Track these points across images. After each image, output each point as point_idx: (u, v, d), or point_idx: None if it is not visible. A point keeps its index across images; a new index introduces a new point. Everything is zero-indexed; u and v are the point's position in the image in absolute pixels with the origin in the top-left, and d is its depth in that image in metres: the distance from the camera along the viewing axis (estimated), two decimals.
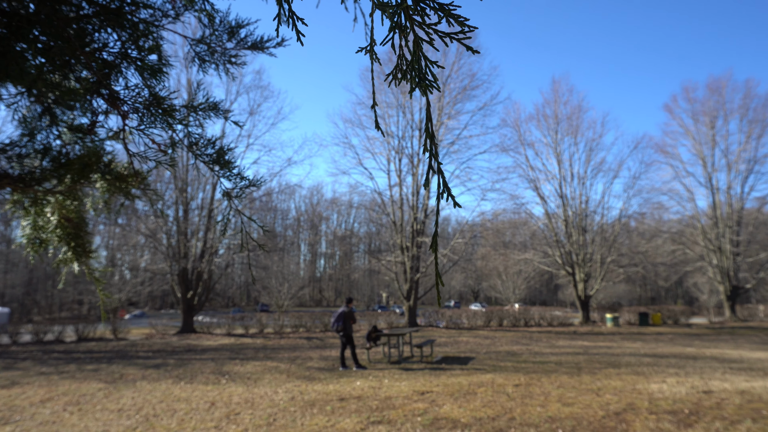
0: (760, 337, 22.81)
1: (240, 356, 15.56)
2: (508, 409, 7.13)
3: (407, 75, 0.95)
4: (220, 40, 1.84)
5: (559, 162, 34.70)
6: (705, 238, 38.90)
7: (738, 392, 8.33)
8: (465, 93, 29.61)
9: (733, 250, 37.46)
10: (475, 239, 38.70)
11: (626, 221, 36.71)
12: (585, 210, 34.27)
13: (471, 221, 31.15)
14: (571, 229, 33.90)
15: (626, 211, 35.17)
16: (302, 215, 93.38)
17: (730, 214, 38.22)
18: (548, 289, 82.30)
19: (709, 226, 39.18)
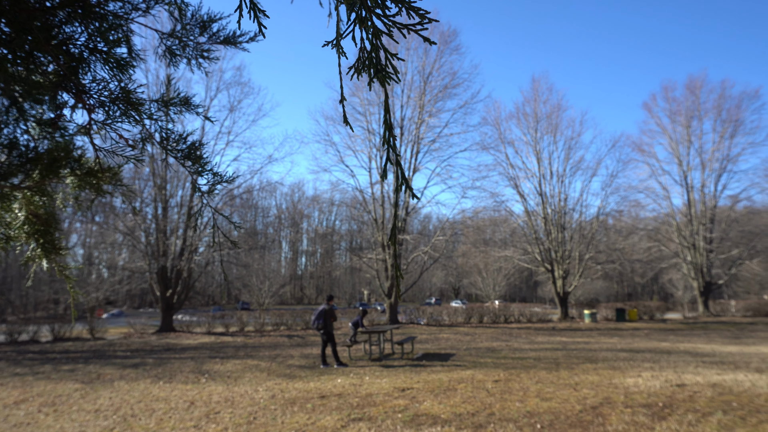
0: (732, 331, 23.38)
1: (220, 355, 15.43)
2: (488, 405, 7.20)
3: (366, 67, 0.96)
4: (192, 34, 1.82)
5: (539, 160, 35.06)
6: (680, 236, 39.71)
7: (710, 385, 8.53)
8: (446, 91, 29.72)
9: (706, 247, 38.31)
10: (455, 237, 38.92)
11: (604, 219, 37.27)
12: (564, 207, 34.70)
13: (452, 219, 31.31)
14: (550, 227, 34.29)
15: (604, 209, 35.70)
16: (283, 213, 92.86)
17: (704, 211, 39.08)
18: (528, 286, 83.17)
19: (684, 223, 40.01)
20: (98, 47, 1.38)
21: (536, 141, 35.31)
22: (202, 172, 1.88)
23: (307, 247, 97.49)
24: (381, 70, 0.95)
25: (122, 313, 53.36)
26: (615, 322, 31.11)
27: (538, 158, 35.08)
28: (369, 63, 0.95)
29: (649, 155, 41.25)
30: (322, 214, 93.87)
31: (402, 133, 29.33)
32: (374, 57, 0.95)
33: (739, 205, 40.81)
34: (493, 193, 33.25)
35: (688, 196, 40.12)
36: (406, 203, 28.89)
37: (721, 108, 39.62)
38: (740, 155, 39.52)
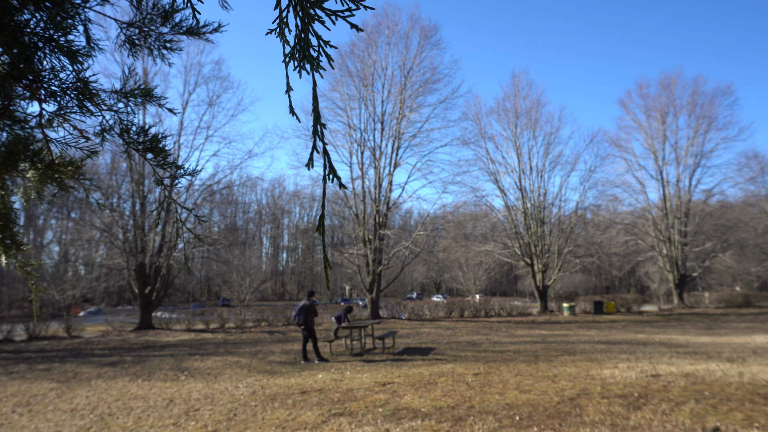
0: (705, 322, 23.93)
1: (200, 352, 15.29)
2: (468, 398, 7.26)
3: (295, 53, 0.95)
4: (153, 24, 1.78)
5: (519, 155, 35.35)
6: (656, 229, 40.47)
7: (683, 375, 8.72)
8: (427, 86, 29.74)
9: (681, 241, 39.10)
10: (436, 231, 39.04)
11: (582, 213, 37.79)
12: (543, 202, 35.07)
13: (433, 214, 31.43)
14: (529, 221, 34.64)
15: (582, 203, 36.20)
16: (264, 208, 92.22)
17: (679, 206, 39.86)
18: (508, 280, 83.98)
19: (660, 217, 40.76)
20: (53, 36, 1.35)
21: (516, 136, 35.61)
22: (165, 165, 1.85)
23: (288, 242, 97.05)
24: (309, 57, 0.94)
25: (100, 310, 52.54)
26: (593, 315, 31.61)
27: (518, 153, 35.39)
28: (301, 51, 0.95)
29: (625, 150, 41.91)
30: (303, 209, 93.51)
31: (383, 128, 29.30)
32: (303, 43, 0.94)
33: (713, 200, 41.74)
34: (474, 188, 33.47)
35: (664, 191, 40.89)
36: (387, 198, 28.90)
37: (695, 104, 40.41)
38: (714, 150, 40.40)
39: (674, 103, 41.07)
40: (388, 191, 28.91)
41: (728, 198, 43.57)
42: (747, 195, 47.05)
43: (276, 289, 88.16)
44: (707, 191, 41.24)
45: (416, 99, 29.47)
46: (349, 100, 29.40)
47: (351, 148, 29.00)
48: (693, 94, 40.66)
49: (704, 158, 40.17)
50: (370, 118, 29.36)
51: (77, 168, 1.57)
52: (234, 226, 73.77)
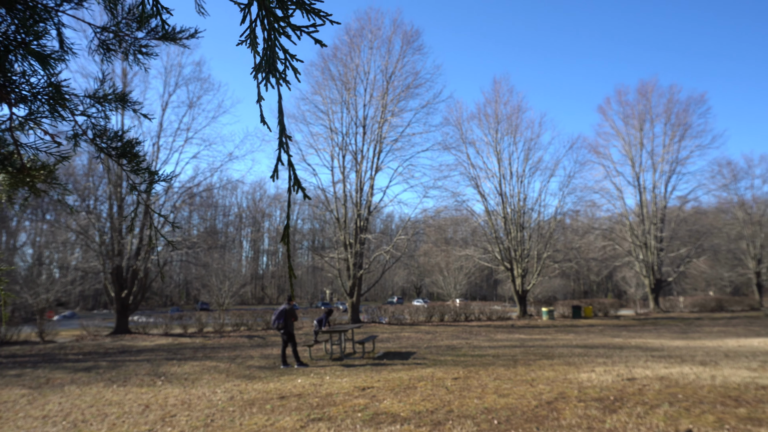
0: (680, 326, 24.39)
1: (177, 356, 15.08)
2: (447, 402, 7.28)
3: (262, 67, 0.96)
4: (129, 28, 1.76)
5: (499, 160, 35.68)
6: (632, 235, 41.16)
7: (658, 378, 8.87)
8: (408, 91, 29.86)
9: (657, 246, 39.84)
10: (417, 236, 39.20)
11: (561, 218, 38.25)
12: (523, 207, 35.42)
13: (414, 218, 31.50)
14: (509, 226, 34.95)
15: (561, 209, 36.65)
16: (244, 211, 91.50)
17: (655, 211, 40.63)
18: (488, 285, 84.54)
19: (636, 223, 41.49)
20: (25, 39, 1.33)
21: (497, 141, 35.94)
22: (138, 170, 1.83)
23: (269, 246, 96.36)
24: (274, 69, 0.95)
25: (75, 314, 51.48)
26: (571, 319, 31.98)
27: (498, 158, 35.71)
28: (267, 64, 0.95)
29: (604, 157, 42.60)
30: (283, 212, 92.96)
31: (365, 132, 29.31)
32: (268, 55, 0.95)
33: (688, 206, 42.65)
34: (455, 193, 33.65)
35: (641, 197, 41.65)
36: (368, 202, 28.90)
37: (671, 112, 41.31)
38: (688, 158, 41.32)
39: (651, 110, 41.95)
40: (369, 195, 28.92)
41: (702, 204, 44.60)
42: (720, 202, 48.18)
43: (256, 293, 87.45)
44: (682, 198, 42.15)
45: (398, 103, 29.59)
46: (332, 103, 29.39)
47: (333, 152, 28.97)
48: (668, 102, 41.59)
49: (679, 165, 41.09)
50: (352, 121, 29.38)
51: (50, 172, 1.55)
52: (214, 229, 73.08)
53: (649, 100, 42.01)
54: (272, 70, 0.95)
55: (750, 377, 8.83)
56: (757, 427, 5.66)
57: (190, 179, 27.70)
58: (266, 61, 0.95)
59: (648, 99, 42.06)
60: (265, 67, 0.96)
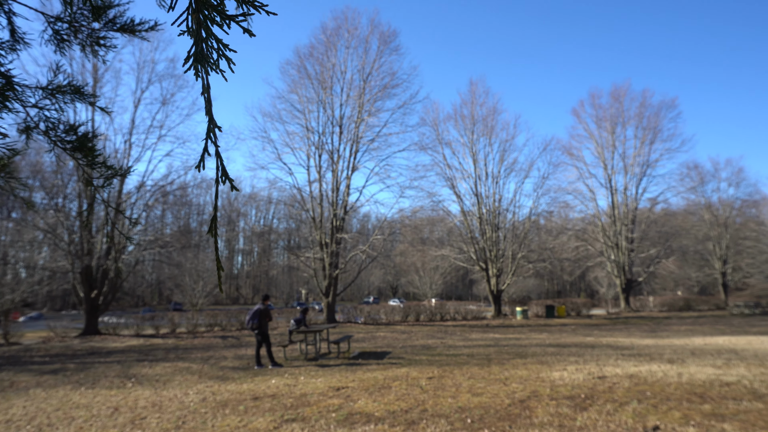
0: (649, 325, 24.96)
1: (149, 358, 14.81)
2: (421, 401, 7.32)
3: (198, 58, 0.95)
4: (85, 19, 1.71)
5: (475, 161, 36.00)
6: (604, 235, 41.95)
7: (627, 376, 9.06)
8: (385, 91, 29.88)
9: (628, 247, 40.69)
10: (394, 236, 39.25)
11: (536, 219, 38.79)
12: (498, 208, 35.81)
13: (390, 218, 31.53)
14: (485, 226, 35.29)
15: (536, 210, 37.17)
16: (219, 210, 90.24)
17: (626, 213, 41.50)
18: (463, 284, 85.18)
19: (608, 224, 42.31)
20: None
21: (473, 142, 36.26)
22: (94, 165, 1.79)
23: (244, 245, 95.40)
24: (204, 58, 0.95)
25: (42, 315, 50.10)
26: (545, 319, 32.44)
27: (474, 159, 36.03)
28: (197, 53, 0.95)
29: (577, 159, 43.32)
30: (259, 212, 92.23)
31: (341, 131, 29.23)
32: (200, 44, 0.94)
33: (657, 207, 43.67)
34: (431, 193, 33.83)
35: (612, 199, 42.49)
36: (345, 202, 28.84)
37: (642, 116, 42.24)
38: (658, 160, 42.32)
39: (623, 114, 42.82)
40: (345, 195, 28.86)
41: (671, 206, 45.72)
42: (688, 204, 49.49)
43: (230, 292, 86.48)
44: (652, 199, 43.15)
45: (375, 103, 29.59)
46: (308, 102, 29.24)
47: (309, 151, 28.82)
48: (640, 106, 42.51)
49: (650, 168, 42.06)
50: (329, 121, 29.28)
51: (3, 166, 1.50)
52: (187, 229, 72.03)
53: (622, 103, 42.91)
54: (200, 60, 0.94)
55: (715, 374, 9.08)
56: (720, 422, 5.82)
57: (164, 177, 27.23)
58: (196, 51, 0.94)
59: (621, 103, 42.95)
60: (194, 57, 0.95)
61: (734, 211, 51.30)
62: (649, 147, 41.77)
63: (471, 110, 36.88)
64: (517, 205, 37.34)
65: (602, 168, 42.86)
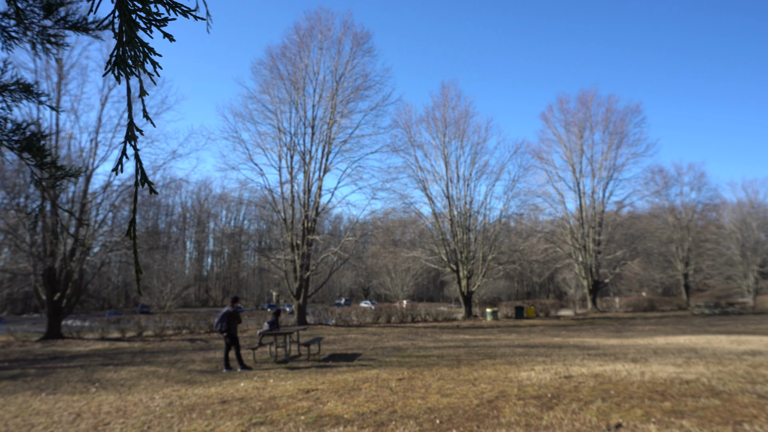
0: (615, 326, 25.56)
1: (114, 362, 14.46)
2: (391, 403, 7.34)
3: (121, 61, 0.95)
4: (35, 16, 1.67)
5: (447, 164, 36.29)
6: (573, 238, 42.80)
7: (593, 376, 9.26)
8: (358, 92, 29.88)
9: (595, 249, 41.59)
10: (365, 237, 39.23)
11: (506, 221, 39.34)
12: (469, 210, 36.17)
13: (362, 219, 31.53)
14: (456, 228, 35.59)
15: (506, 212, 37.69)
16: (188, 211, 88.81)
17: (594, 216, 42.42)
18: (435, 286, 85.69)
19: (576, 226, 43.17)
20: None
21: (445, 145, 36.56)
22: (43, 165, 1.75)
23: (214, 247, 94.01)
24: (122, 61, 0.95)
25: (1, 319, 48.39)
26: (514, 320, 32.88)
27: (446, 162, 36.31)
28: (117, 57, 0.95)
29: (546, 162, 44.11)
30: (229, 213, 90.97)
31: (313, 132, 29.10)
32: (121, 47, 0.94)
33: (624, 210, 44.80)
34: (403, 195, 33.98)
35: (580, 201, 43.39)
36: (316, 203, 28.71)
37: (609, 121, 43.29)
38: (624, 165, 43.44)
39: (591, 119, 43.79)
40: (317, 196, 28.73)
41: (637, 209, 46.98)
42: (653, 207, 50.94)
43: (200, 295, 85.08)
44: (619, 203, 44.23)
45: (347, 105, 29.56)
46: (280, 103, 29.02)
47: (281, 152, 28.59)
48: (607, 111, 43.54)
49: (616, 172, 43.12)
50: (301, 122, 29.12)
51: None
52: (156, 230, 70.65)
53: (589, 108, 43.88)
54: (119, 63, 0.94)
55: (675, 373, 9.36)
56: (679, 419, 6.00)
57: (131, 177, 26.64)
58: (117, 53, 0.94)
59: (588, 108, 43.91)
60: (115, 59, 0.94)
61: (696, 215, 52.97)
62: (616, 151, 42.86)
63: (443, 113, 37.20)
64: (488, 207, 37.86)
65: (571, 171, 43.77)
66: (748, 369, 9.57)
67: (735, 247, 53.84)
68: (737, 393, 7.29)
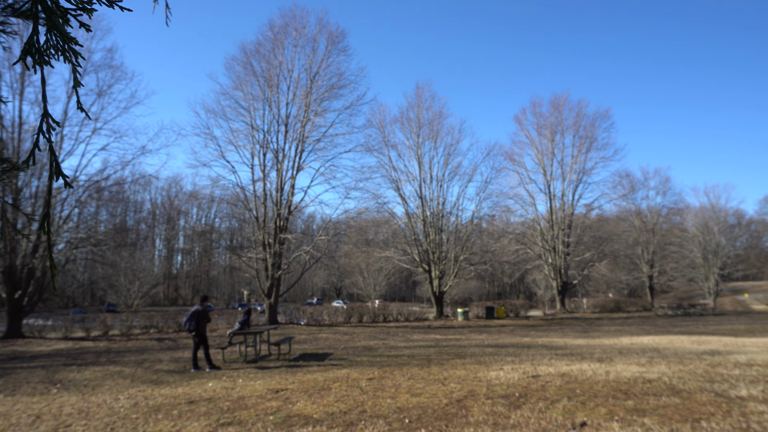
0: (582, 326, 26.08)
1: (78, 362, 14.10)
2: (360, 403, 7.34)
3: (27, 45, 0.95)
4: None
5: (420, 164, 36.46)
6: (543, 239, 43.50)
7: (560, 375, 9.43)
8: (332, 91, 29.74)
9: (564, 250, 42.36)
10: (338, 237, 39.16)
11: (478, 222, 39.75)
12: (442, 211, 36.41)
13: (335, 219, 31.42)
14: (428, 229, 35.78)
15: (478, 213, 38.06)
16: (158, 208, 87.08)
17: (563, 218, 43.19)
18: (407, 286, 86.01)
19: (547, 228, 43.90)
20: None
21: (418, 146, 36.71)
22: None
23: (184, 244, 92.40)
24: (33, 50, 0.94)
25: None
26: (485, 320, 33.25)
27: (419, 162, 36.48)
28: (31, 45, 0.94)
29: (518, 164, 44.73)
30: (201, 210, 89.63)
31: (287, 130, 28.87)
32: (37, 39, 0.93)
33: (592, 213, 45.75)
34: (376, 195, 33.99)
35: (551, 204, 44.13)
36: (289, 201, 28.50)
37: (579, 125, 44.15)
38: (593, 168, 44.37)
39: (562, 122, 44.58)
40: (290, 194, 28.52)
41: (605, 212, 48.03)
42: (620, 210, 52.17)
43: (169, 293, 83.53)
44: (588, 205, 45.16)
45: (321, 103, 29.40)
46: (253, 100, 28.70)
47: (253, 149, 28.28)
48: (577, 116, 44.39)
49: (585, 175, 44.01)
50: (274, 119, 28.87)
51: None
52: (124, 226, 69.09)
53: (561, 112, 44.66)
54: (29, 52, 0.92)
55: (639, 372, 9.60)
56: (641, 417, 6.16)
57: (98, 172, 25.95)
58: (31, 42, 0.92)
59: (560, 112, 44.69)
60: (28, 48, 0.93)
61: (661, 218, 54.50)
62: (585, 155, 43.73)
63: (417, 113, 37.35)
64: (461, 208, 38.12)
65: (542, 174, 44.47)
66: (707, 368, 9.88)
67: (697, 250, 55.60)
68: (696, 392, 7.52)
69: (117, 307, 48.86)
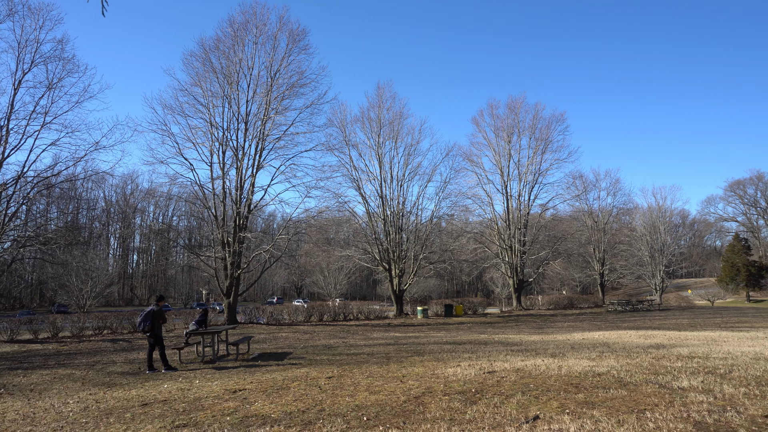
0: (537, 322, 26.80)
1: (24, 365, 13.58)
2: (319, 401, 7.39)
3: None
4: None
5: (381, 164, 36.62)
6: (500, 238, 44.42)
7: (515, 370, 9.72)
8: (293, 90, 29.51)
9: (520, 249, 43.38)
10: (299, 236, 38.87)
11: (437, 221, 40.24)
12: (402, 210, 36.69)
13: (296, 218, 31.19)
14: (389, 228, 35.99)
15: (437, 212, 38.53)
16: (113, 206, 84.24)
17: (520, 217, 44.23)
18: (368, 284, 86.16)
19: (504, 228, 44.84)
20: None
21: (379, 145, 36.86)
22: None
23: (140, 243, 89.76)
24: None
25: None
26: (444, 317, 33.72)
27: (380, 162, 36.64)
28: None
29: (477, 165, 45.52)
30: (158, 208, 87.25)
31: (246, 128, 28.49)
32: None
33: (547, 213, 47.00)
34: (337, 194, 33.96)
35: (507, 204, 45.11)
36: (249, 200, 28.15)
37: (535, 127, 45.28)
38: (549, 169, 45.62)
39: (519, 124, 45.61)
40: (250, 193, 28.16)
41: (559, 212, 49.43)
42: (573, 210, 53.77)
43: (124, 293, 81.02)
44: (543, 205, 46.37)
45: (282, 102, 29.14)
46: (212, 97, 28.18)
47: (212, 147, 27.78)
48: (534, 118, 45.51)
49: (541, 176, 45.21)
50: (234, 117, 28.44)
51: None
52: (75, 225, 66.51)
53: (518, 115, 45.69)
54: None
55: (589, 366, 9.99)
56: (591, 409, 6.44)
57: (48, 168, 24.91)
58: None
59: (516, 114, 45.71)
60: None
61: (611, 218, 56.47)
62: (541, 156, 44.89)
63: (378, 113, 37.48)
64: (420, 207, 38.47)
65: (499, 175, 45.40)
66: (652, 361, 10.37)
67: (645, 248, 57.92)
68: (642, 384, 7.90)
69: (68, 308, 47.04)
